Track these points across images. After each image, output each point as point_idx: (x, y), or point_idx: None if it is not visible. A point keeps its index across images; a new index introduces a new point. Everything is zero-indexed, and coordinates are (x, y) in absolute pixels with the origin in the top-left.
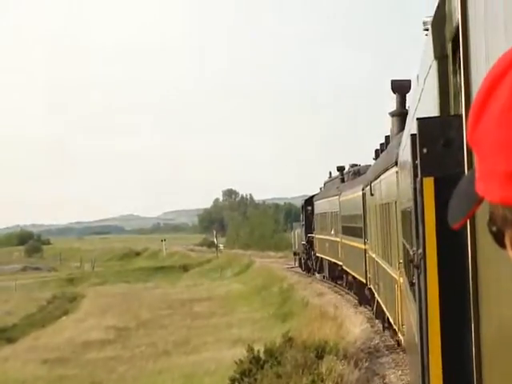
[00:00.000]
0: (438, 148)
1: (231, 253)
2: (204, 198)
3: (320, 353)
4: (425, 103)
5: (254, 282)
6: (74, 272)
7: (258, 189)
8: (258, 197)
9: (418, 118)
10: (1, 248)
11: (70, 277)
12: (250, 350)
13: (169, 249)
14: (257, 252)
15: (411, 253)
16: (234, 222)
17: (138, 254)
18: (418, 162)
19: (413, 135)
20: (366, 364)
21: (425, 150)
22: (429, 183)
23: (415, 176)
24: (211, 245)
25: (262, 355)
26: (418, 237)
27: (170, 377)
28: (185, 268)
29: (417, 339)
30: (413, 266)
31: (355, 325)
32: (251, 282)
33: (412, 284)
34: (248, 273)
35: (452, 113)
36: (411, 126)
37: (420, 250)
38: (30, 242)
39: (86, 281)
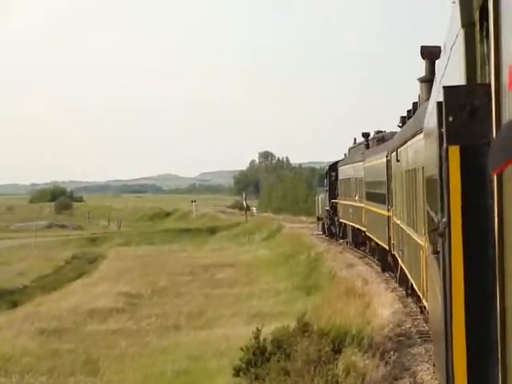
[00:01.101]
0: (464, 117)
1: (262, 216)
2: (242, 160)
3: (338, 345)
4: (451, 72)
5: (282, 248)
6: (99, 231)
7: (295, 152)
8: (295, 160)
9: (444, 87)
10: (33, 204)
11: (94, 236)
12: (255, 338)
13: (199, 210)
14: (288, 216)
15: (436, 221)
16: (268, 184)
17: (168, 214)
18: (443, 130)
19: (439, 103)
20: (395, 357)
21: (451, 119)
22: (454, 152)
23: (441, 144)
24: (243, 207)
25: (268, 345)
26: (442, 205)
27: (173, 357)
28: (212, 231)
29: (440, 307)
30: (437, 234)
31: (384, 305)
32: (279, 248)
33: (436, 252)
34: (276, 238)
35: (478, 81)
36: (437, 94)
37: (445, 219)
38: (60, 198)
39: (109, 241)
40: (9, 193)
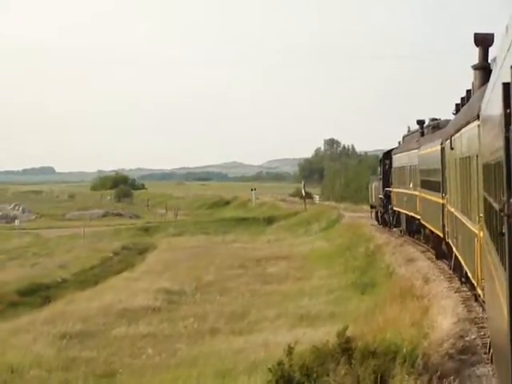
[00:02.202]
0: None
1: (323, 205)
2: (309, 148)
3: (385, 370)
4: None
5: (340, 239)
6: (156, 220)
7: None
8: (361, 148)
9: None
10: (95, 191)
11: (147, 225)
12: (288, 354)
13: (260, 198)
14: (350, 205)
15: (496, 205)
16: (331, 172)
17: (227, 202)
18: (510, 110)
19: (505, 84)
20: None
21: None
22: None
23: (508, 125)
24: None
25: (296, 372)
26: (509, 186)
27: (199, 371)
28: (269, 220)
29: (501, 294)
30: (503, 215)
31: (445, 310)
32: (336, 239)
33: (502, 234)
34: (335, 229)
35: None
36: (501, 75)
37: None
38: (120, 186)
39: (163, 230)
40: (77, 180)
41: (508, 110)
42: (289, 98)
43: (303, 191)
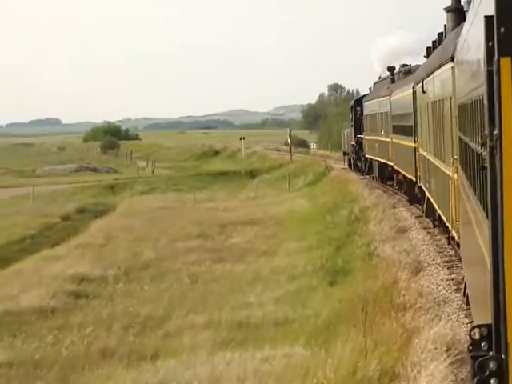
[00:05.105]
0: None
1: (317, 154)
2: (314, 93)
3: None
4: None
5: (323, 198)
6: (133, 175)
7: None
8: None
9: None
10: (87, 143)
11: (115, 182)
12: None
13: (252, 148)
14: None
15: (473, 144)
16: (328, 119)
17: (216, 152)
18: (494, 43)
19: (488, 16)
20: None
21: (502, 30)
22: (506, 63)
23: (489, 58)
24: (300, 144)
25: None
26: (492, 119)
27: None
28: (252, 174)
29: (480, 235)
30: (485, 148)
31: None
32: (320, 198)
33: (483, 168)
34: (321, 183)
35: None
36: (479, 12)
37: (496, 131)
38: (106, 137)
39: (131, 188)
40: (84, 131)
41: (490, 43)
42: (295, 44)
43: (289, 140)
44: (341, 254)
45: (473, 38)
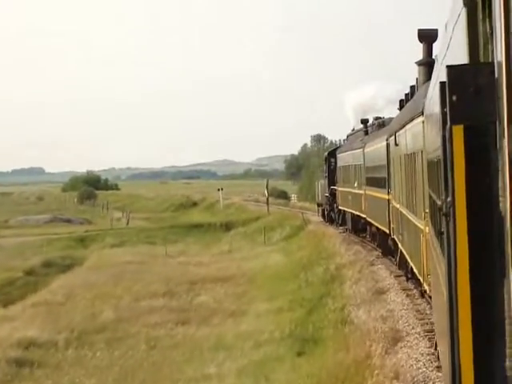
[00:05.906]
0: (468, 96)
1: (295, 207)
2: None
3: None
4: (454, 51)
5: (299, 253)
6: (106, 227)
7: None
8: None
9: (447, 66)
10: (65, 193)
11: (85, 235)
12: None
13: (231, 199)
14: None
15: (439, 202)
16: (309, 170)
17: (194, 204)
18: (447, 109)
19: (442, 83)
20: None
21: (454, 98)
22: (458, 131)
23: (444, 124)
24: (280, 195)
25: None
26: (446, 185)
27: None
28: (228, 226)
29: (444, 289)
30: (441, 214)
31: None
32: (295, 253)
33: (440, 233)
34: (298, 237)
35: (482, 60)
36: (440, 75)
37: (449, 198)
38: (83, 187)
39: (101, 240)
40: (66, 181)
41: (445, 109)
42: (278, 94)
43: (266, 191)
44: (312, 318)
45: (435, 97)
